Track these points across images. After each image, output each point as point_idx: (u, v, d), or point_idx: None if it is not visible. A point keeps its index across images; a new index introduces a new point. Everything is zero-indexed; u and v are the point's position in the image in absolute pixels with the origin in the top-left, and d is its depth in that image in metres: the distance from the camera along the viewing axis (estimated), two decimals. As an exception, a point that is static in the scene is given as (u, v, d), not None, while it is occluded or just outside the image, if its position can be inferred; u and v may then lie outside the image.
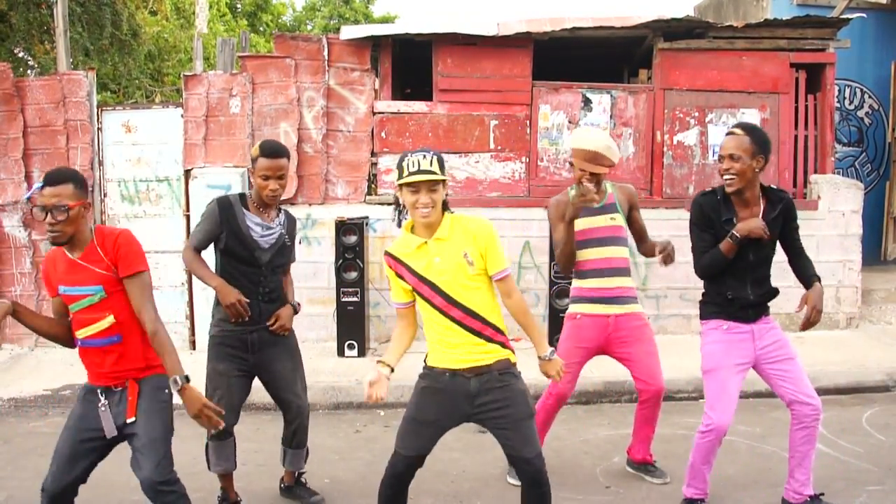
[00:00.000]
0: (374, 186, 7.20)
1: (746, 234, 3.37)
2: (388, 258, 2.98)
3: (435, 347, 2.96)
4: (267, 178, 3.53)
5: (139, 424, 3.03)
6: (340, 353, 6.50)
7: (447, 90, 7.15)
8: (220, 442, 3.74)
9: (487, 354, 2.90)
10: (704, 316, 3.63)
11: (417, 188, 2.80)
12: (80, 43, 12.16)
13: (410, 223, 2.96)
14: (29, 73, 13.23)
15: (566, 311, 4.10)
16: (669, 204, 7.22)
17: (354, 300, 6.47)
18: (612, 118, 7.26)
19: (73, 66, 9.35)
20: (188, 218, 6.98)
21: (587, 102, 7.23)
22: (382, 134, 7.14)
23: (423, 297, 2.91)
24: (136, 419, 3.03)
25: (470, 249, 2.87)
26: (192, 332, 7.02)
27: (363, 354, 6.49)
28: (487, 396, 2.88)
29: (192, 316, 7.01)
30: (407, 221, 2.99)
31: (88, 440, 3.04)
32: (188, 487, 4.09)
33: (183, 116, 7.04)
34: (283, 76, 7.05)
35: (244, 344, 3.65)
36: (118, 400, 3.06)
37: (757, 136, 3.39)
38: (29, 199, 3.04)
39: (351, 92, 7.15)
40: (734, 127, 3.49)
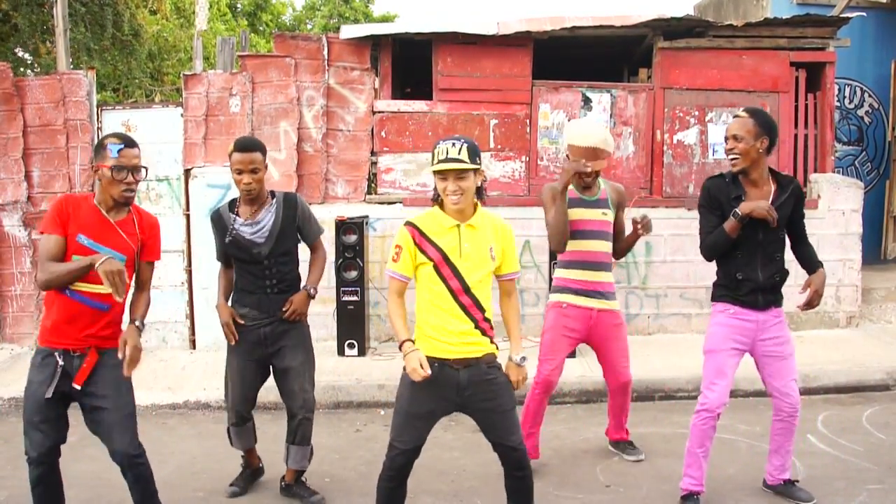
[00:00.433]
0: (373, 186, 7.20)
1: (749, 212, 3.44)
2: (411, 229, 2.99)
3: (427, 335, 3.01)
4: (240, 171, 3.64)
5: (110, 399, 3.15)
6: (340, 352, 6.50)
7: (447, 89, 7.15)
8: (240, 428, 3.96)
9: (478, 347, 3.01)
10: (715, 298, 3.73)
11: (446, 176, 2.91)
12: (82, 43, 12.19)
13: (441, 201, 3.04)
14: (29, 72, 13.24)
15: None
16: (669, 203, 7.22)
17: (354, 299, 6.47)
18: (612, 117, 7.26)
19: (75, 66, 9.36)
20: (188, 217, 6.98)
21: (587, 102, 7.23)
22: (382, 133, 7.14)
23: (441, 276, 2.95)
24: (103, 393, 3.15)
25: (495, 245, 3.01)
26: (192, 331, 7.02)
27: (363, 354, 6.49)
28: (476, 388, 3.00)
29: (191, 315, 7.01)
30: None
31: (55, 399, 3.19)
32: (188, 487, 4.13)
33: (183, 116, 7.03)
34: (282, 75, 7.05)
35: (258, 338, 3.77)
36: (75, 365, 3.16)
37: (760, 118, 3.52)
38: (99, 160, 3.14)
39: (351, 91, 7.14)
40: (740, 110, 3.60)
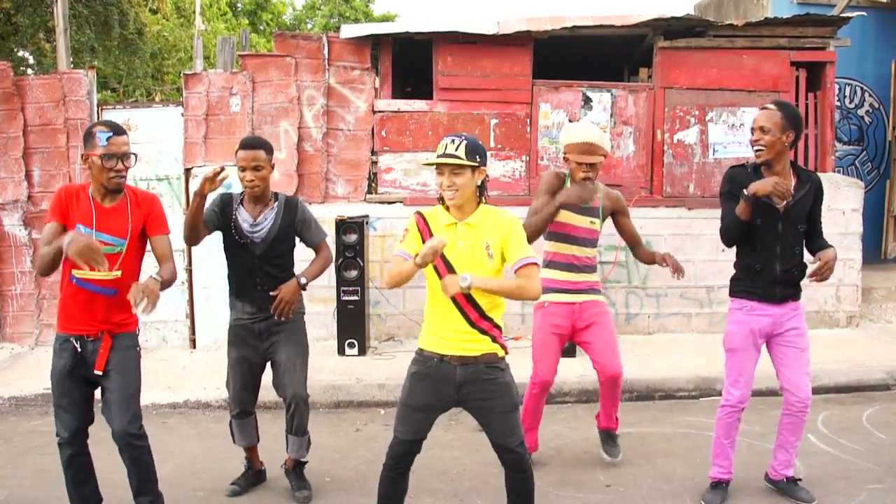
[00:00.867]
0: (374, 185, 7.20)
1: (755, 191, 3.44)
2: (419, 218, 3.05)
3: (429, 329, 3.07)
4: (244, 168, 3.69)
5: (114, 379, 3.27)
6: (341, 351, 6.50)
7: (447, 89, 7.15)
8: (241, 421, 3.99)
9: (476, 346, 2.99)
10: (733, 293, 3.75)
11: (442, 170, 2.95)
12: (86, 44, 12.23)
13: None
14: (30, 71, 13.26)
15: None
16: (669, 203, 7.22)
17: (354, 299, 6.46)
18: (612, 117, 7.26)
19: (78, 65, 9.35)
20: (188, 217, 6.97)
21: (587, 101, 7.23)
22: (383, 133, 7.14)
23: (437, 272, 2.98)
24: (109, 373, 3.26)
25: (493, 241, 2.97)
26: (192, 330, 7.02)
27: (363, 353, 6.49)
28: (473, 386, 3.01)
29: (192, 315, 7.01)
30: None
31: (79, 379, 3.27)
32: (188, 487, 4.13)
33: (183, 115, 7.03)
34: (283, 75, 7.05)
35: (253, 333, 3.84)
36: (91, 350, 3.26)
37: (788, 111, 3.54)
38: (88, 149, 3.18)
39: (351, 91, 7.14)
40: (769, 103, 3.60)
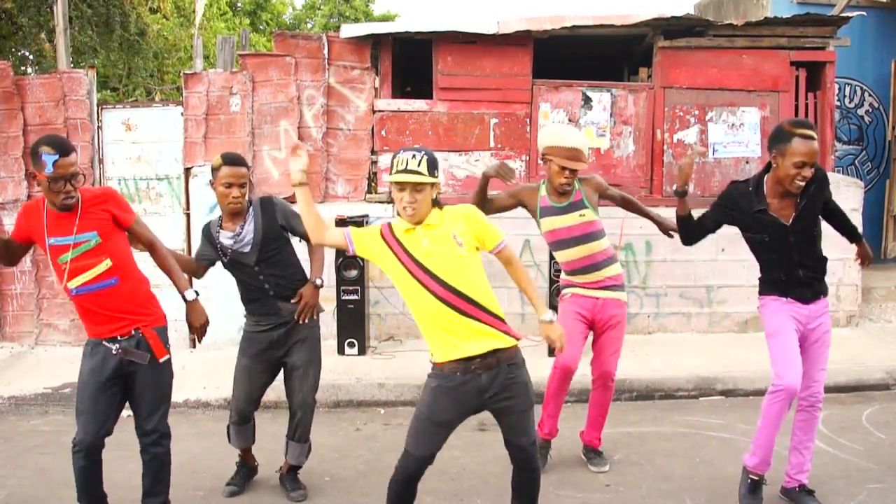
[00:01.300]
0: (374, 185, 7.19)
1: (681, 185, 3.74)
2: (386, 229, 2.99)
3: (440, 342, 2.92)
4: (230, 185, 3.69)
5: (149, 375, 3.29)
6: (340, 351, 6.50)
7: (447, 88, 7.15)
8: (240, 427, 3.99)
9: (492, 340, 2.89)
10: (762, 292, 3.73)
11: (403, 187, 2.87)
12: (89, 44, 12.25)
13: None
14: (29, 70, 13.25)
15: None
16: (669, 202, 7.18)
17: (354, 298, 6.46)
18: (612, 116, 7.26)
19: (80, 64, 9.34)
20: (188, 216, 6.98)
21: (587, 101, 7.23)
22: (382, 132, 7.14)
23: (422, 284, 2.87)
24: (144, 370, 3.27)
25: (459, 230, 2.92)
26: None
27: (363, 353, 6.49)
28: (497, 388, 2.92)
29: (192, 314, 7.00)
30: None
31: (108, 388, 3.25)
32: (188, 487, 4.13)
33: (183, 115, 7.03)
34: (283, 74, 7.05)
35: (270, 340, 3.83)
36: (132, 345, 3.26)
37: (817, 133, 3.47)
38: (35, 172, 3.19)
39: (351, 90, 7.14)
40: (804, 128, 3.39)
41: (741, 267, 6.73)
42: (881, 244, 8.73)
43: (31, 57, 13.59)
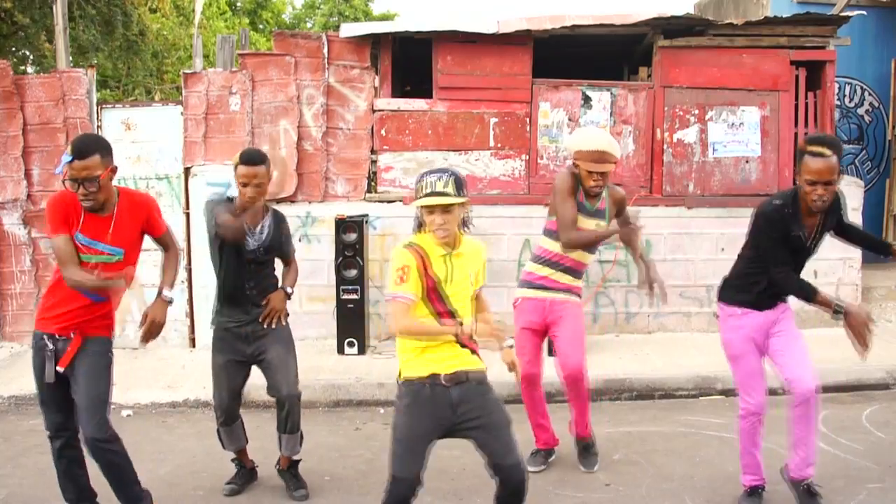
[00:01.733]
0: (373, 184, 7.19)
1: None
2: (417, 251, 2.91)
3: (412, 356, 2.96)
4: (245, 184, 3.73)
5: (81, 383, 3.24)
6: (340, 350, 6.50)
7: (447, 88, 7.14)
8: (228, 427, 4.00)
9: (465, 360, 2.96)
10: (726, 300, 3.67)
11: (432, 209, 2.87)
12: (93, 44, 12.27)
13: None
14: (29, 69, 13.26)
15: None
16: (669, 202, 7.22)
17: (354, 298, 6.46)
18: (612, 116, 7.26)
19: (81, 64, 9.34)
20: (188, 216, 6.97)
21: (587, 100, 7.22)
22: (382, 132, 7.13)
23: (429, 302, 2.93)
24: (77, 377, 3.23)
25: (473, 270, 3.04)
26: (191, 329, 7.02)
27: (363, 352, 6.49)
28: (468, 405, 2.93)
29: (191, 314, 7.01)
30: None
31: (53, 382, 3.25)
32: (188, 486, 4.13)
33: (183, 114, 7.03)
34: (282, 74, 7.04)
35: (240, 337, 3.88)
36: (62, 349, 3.25)
37: (839, 152, 3.27)
38: (61, 172, 3.17)
39: (351, 90, 7.14)
40: (822, 146, 3.24)
41: (741, 266, 6.72)
42: (881, 243, 8.73)
43: (30, 56, 13.61)
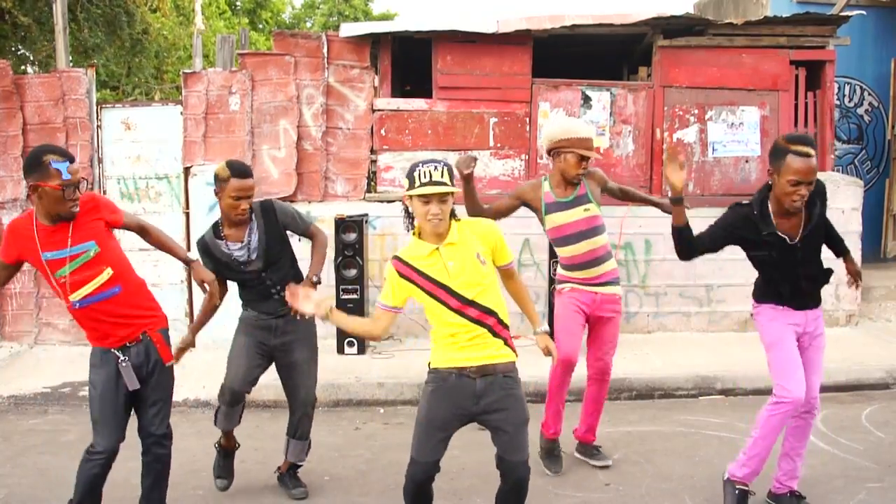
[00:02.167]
0: (373, 184, 7.19)
1: (675, 193, 3.46)
2: (398, 263, 2.97)
3: (442, 348, 2.99)
4: (239, 198, 3.64)
5: (155, 381, 3.30)
6: (340, 350, 6.50)
7: (447, 87, 7.14)
8: (230, 409, 3.93)
9: (494, 352, 2.95)
10: (757, 298, 3.65)
11: (429, 199, 2.85)
12: (99, 46, 12.29)
13: (418, 229, 3.01)
14: (29, 69, 13.26)
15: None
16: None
17: (354, 297, 6.46)
18: (611, 115, 7.26)
19: (81, 64, 9.34)
20: (188, 215, 6.97)
21: (587, 100, 7.22)
22: (382, 131, 7.13)
23: (438, 299, 2.93)
24: (154, 373, 3.28)
25: (481, 249, 2.96)
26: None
27: (363, 352, 6.49)
28: (492, 396, 2.95)
29: (191, 313, 7.00)
30: (415, 227, 3.03)
31: (123, 396, 3.24)
32: (188, 485, 4.13)
33: (182, 114, 7.03)
34: (282, 73, 7.04)
35: (269, 326, 3.84)
36: (136, 353, 3.25)
37: (816, 148, 3.35)
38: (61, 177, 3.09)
39: (350, 89, 7.14)
40: (800, 144, 3.28)
41: (741, 266, 6.61)
42: (881, 243, 8.74)
43: (31, 57, 13.62)
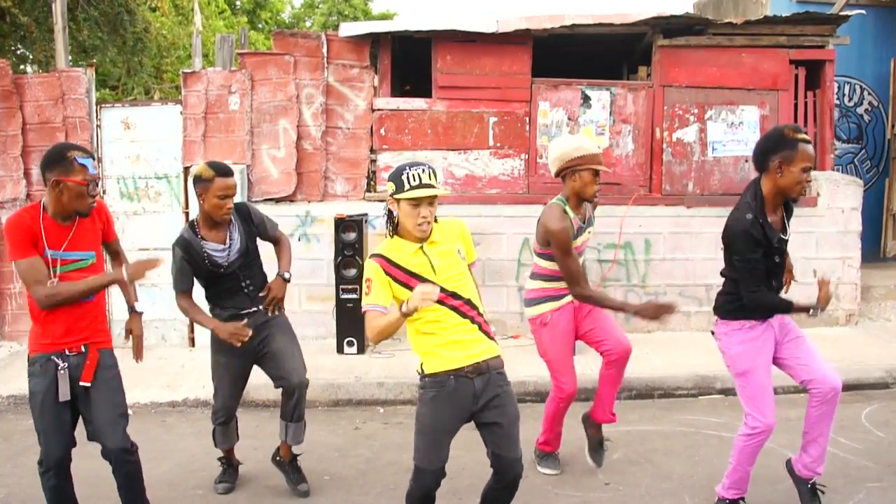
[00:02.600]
0: (373, 183, 7.19)
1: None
2: (380, 261, 2.94)
3: (434, 352, 2.98)
4: (224, 197, 3.66)
5: (104, 396, 3.22)
6: (340, 350, 6.50)
7: (446, 87, 7.15)
8: (225, 427, 4.00)
9: (484, 348, 2.99)
10: (727, 315, 3.51)
11: (418, 202, 2.85)
12: (101, 46, 12.30)
13: (399, 229, 2.99)
14: (28, 69, 13.27)
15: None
16: (668, 201, 7.22)
17: (354, 297, 6.45)
18: (611, 115, 7.26)
19: (79, 64, 9.34)
20: (187, 215, 6.97)
21: (586, 99, 7.23)
22: (382, 131, 7.13)
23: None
24: (96, 390, 3.20)
25: (460, 246, 3.02)
26: (191, 329, 7.00)
27: (362, 352, 6.49)
28: (489, 393, 2.97)
29: (191, 313, 7.00)
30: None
31: (63, 404, 3.18)
32: (188, 486, 4.14)
33: (182, 113, 7.03)
34: (282, 73, 7.04)
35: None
36: (75, 364, 3.20)
37: None
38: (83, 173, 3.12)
39: (350, 89, 7.14)
40: (805, 133, 3.33)
41: (740, 266, 6.72)
42: (880, 243, 8.73)
43: (30, 56, 13.62)
